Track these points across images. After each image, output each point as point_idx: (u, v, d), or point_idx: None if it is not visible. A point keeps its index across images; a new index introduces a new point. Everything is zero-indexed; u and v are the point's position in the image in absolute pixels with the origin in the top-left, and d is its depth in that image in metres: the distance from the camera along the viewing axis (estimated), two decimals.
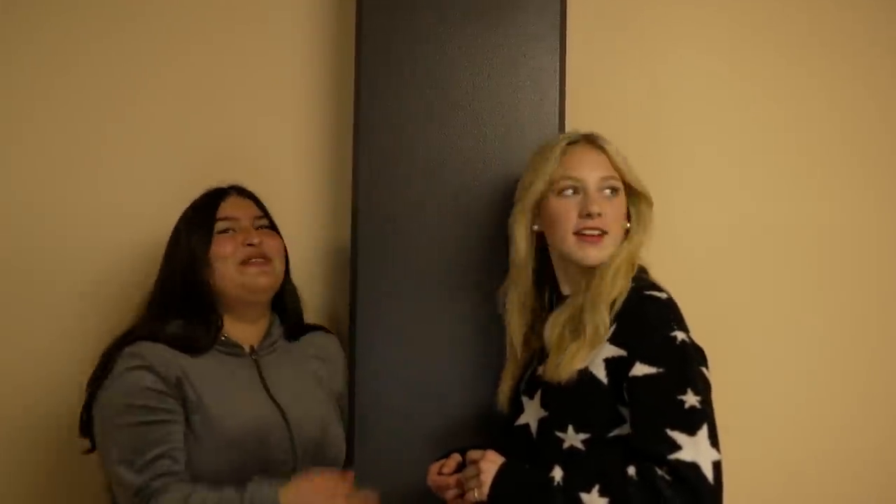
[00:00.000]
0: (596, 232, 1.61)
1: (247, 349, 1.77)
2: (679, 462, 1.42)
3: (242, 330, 1.78)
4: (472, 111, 1.91)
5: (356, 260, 1.91)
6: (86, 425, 1.69)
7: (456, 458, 1.67)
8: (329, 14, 2.15)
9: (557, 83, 1.91)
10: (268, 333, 1.81)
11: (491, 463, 1.55)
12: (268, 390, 1.74)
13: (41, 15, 2.12)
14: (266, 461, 1.66)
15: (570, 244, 1.63)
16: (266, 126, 2.15)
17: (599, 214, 1.61)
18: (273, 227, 1.83)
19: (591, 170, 1.64)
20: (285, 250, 1.83)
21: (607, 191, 1.63)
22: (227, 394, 1.68)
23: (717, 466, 1.44)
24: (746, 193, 2.22)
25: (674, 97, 2.19)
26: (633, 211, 1.66)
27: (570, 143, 1.67)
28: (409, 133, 1.91)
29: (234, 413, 1.66)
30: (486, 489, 1.53)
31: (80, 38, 2.13)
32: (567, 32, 1.93)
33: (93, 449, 1.71)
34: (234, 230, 1.76)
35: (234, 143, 2.14)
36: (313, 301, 2.06)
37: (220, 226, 1.76)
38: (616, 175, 1.64)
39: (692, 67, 2.21)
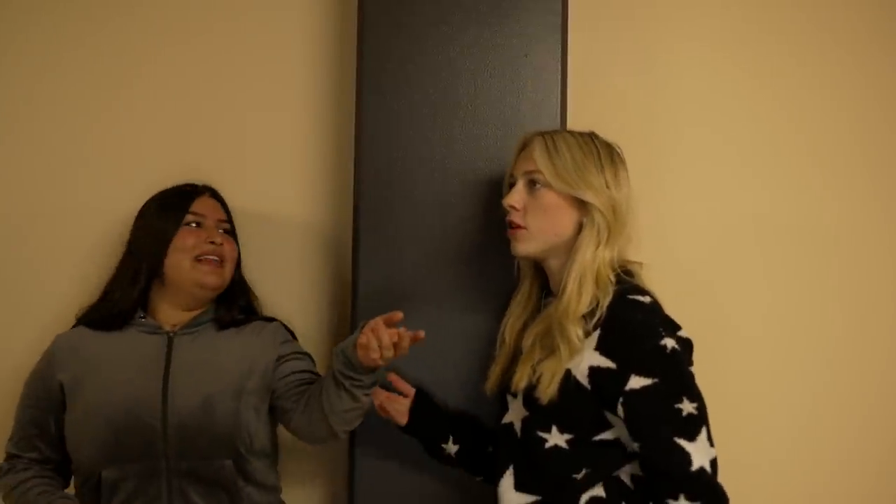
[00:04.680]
0: (512, 225, 1.63)
1: (167, 328, 1.84)
2: (695, 474, 1.44)
3: (174, 314, 1.87)
4: (474, 111, 1.91)
5: (357, 257, 1.92)
6: None
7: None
8: (331, 13, 2.17)
9: (559, 83, 1.90)
10: (195, 319, 1.87)
11: None
12: (167, 369, 1.79)
13: (34, 9, 2.15)
14: (136, 436, 1.73)
15: (509, 236, 1.67)
16: (269, 123, 2.16)
17: (512, 207, 1.62)
18: (233, 233, 1.94)
19: (520, 164, 1.66)
20: (238, 256, 1.94)
21: (529, 184, 1.63)
22: (114, 373, 1.78)
23: (713, 463, 1.47)
24: (749, 191, 2.19)
25: (676, 96, 2.17)
26: (586, 219, 1.60)
27: (524, 142, 1.69)
28: (410, 132, 1.91)
29: (111, 391, 1.75)
30: None
31: (78, 34, 2.15)
32: (568, 32, 1.92)
33: None
34: (199, 225, 1.87)
35: (236, 139, 2.16)
36: (315, 298, 2.09)
37: (188, 219, 1.87)
38: (538, 169, 1.61)
39: (694, 66, 2.19)
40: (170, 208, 1.88)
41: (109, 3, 2.16)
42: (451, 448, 1.80)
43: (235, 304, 1.92)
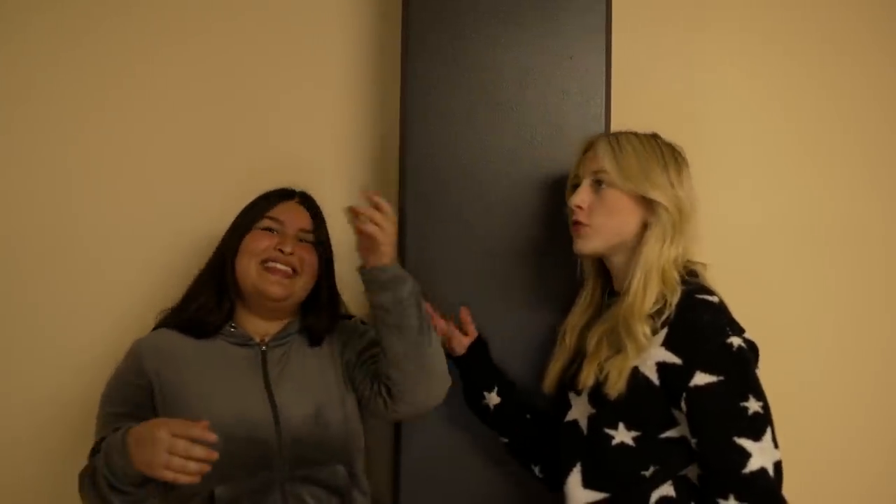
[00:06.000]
0: (577, 223, 1.66)
1: (257, 340, 1.78)
2: (750, 475, 1.46)
3: (256, 323, 1.80)
4: (519, 112, 1.92)
5: (403, 261, 1.91)
6: None
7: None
8: (374, 15, 2.17)
9: (603, 84, 1.92)
10: (284, 330, 1.81)
11: None
12: (267, 381, 1.73)
13: (97, 19, 2.14)
14: (250, 451, 1.66)
15: (573, 234, 1.69)
16: (312, 124, 2.16)
17: (578, 207, 1.65)
18: (321, 244, 1.84)
19: (585, 165, 1.68)
20: (327, 267, 1.85)
21: (594, 184, 1.66)
22: (216, 382, 1.70)
23: (777, 466, 1.49)
24: (793, 192, 2.24)
25: (719, 97, 2.21)
26: (653, 216, 1.63)
27: (588, 143, 1.72)
28: (455, 134, 1.92)
29: (216, 406, 1.66)
30: None
31: (124, 40, 2.15)
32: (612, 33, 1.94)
33: None
34: (275, 231, 1.79)
35: (280, 140, 2.15)
36: (358, 301, 2.08)
37: (264, 223, 1.80)
38: (604, 169, 1.64)
39: (737, 66, 2.22)
40: (251, 208, 1.82)
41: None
42: (493, 399, 1.82)
43: (324, 315, 1.84)
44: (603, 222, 1.64)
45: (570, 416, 1.70)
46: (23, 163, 2.11)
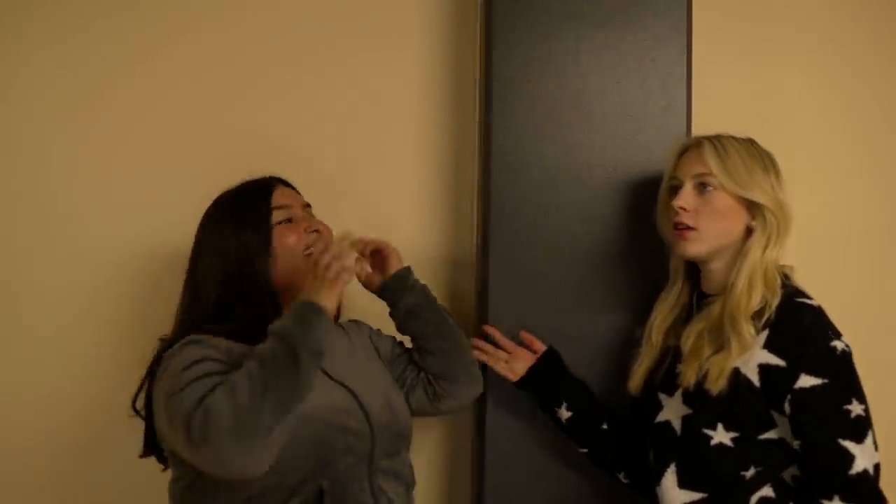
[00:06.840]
0: (681, 226, 1.66)
1: None
2: (857, 477, 1.48)
3: None
4: (601, 114, 1.93)
5: (486, 267, 1.93)
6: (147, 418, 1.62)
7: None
8: (450, 16, 2.16)
9: (685, 86, 1.93)
10: None
11: None
12: (326, 373, 1.63)
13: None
14: (349, 438, 1.60)
15: (670, 239, 1.71)
16: (387, 131, 2.15)
17: (682, 209, 1.65)
18: None
19: (687, 167, 1.68)
20: None
21: (698, 186, 1.66)
22: None
23: (877, 468, 1.52)
24: (873, 198, 2.25)
25: (800, 100, 2.22)
26: (758, 219, 1.65)
27: (687, 145, 1.72)
28: (537, 136, 1.92)
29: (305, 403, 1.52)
30: None
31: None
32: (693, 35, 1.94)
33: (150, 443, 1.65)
34: (292, 219, 1.69)
35: (356, 147, 2.14)
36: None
37: (277, 216, 1.67)
38: (711, 172, 1.65)
39: (818, 65, 2.23)
40: (250, 212, 1.66)
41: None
42: (564, 414, 1.84)
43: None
44: (710, 226, 1.65)
45: (661, 417, 1.71)
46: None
